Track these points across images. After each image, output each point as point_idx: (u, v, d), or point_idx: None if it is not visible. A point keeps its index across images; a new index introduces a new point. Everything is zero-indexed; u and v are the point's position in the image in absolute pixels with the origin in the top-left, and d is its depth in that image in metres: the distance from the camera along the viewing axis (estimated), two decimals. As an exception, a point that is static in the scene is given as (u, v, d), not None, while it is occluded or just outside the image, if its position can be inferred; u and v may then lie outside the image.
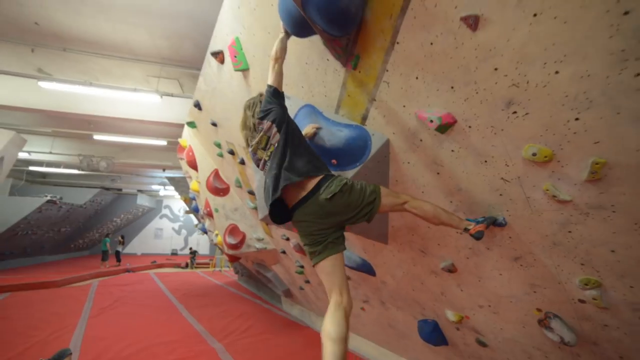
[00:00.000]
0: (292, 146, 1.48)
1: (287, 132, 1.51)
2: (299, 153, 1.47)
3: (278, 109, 1.56)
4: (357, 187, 1.41)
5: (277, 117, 1.53)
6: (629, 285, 1.19)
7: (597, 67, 0.93)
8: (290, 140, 1.50)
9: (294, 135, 1.53)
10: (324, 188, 1.39)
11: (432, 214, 1.40)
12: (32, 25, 4.02)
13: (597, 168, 1.06)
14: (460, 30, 1.14)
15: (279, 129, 1.51)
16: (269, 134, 1.54)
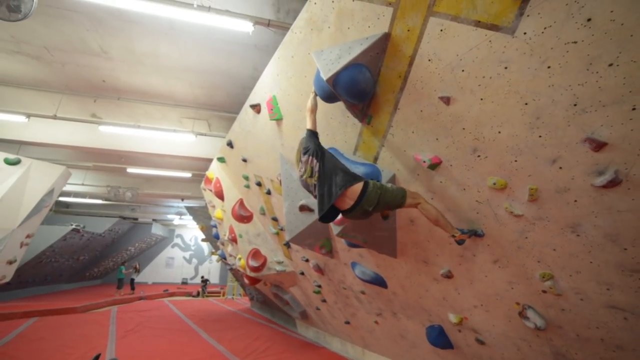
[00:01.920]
0: (330, 168, 1.96)
1: (324, 160, 1.99)
2: (335, 172, 1.94)
3: (314, 146, 2.05)
4: (390, 191, 1.86)
5: (315, 151, 2.02)
6: (569, 275, 1.68)
7: (521, 129, 1.51)
8: (328, 165, 1.98)
9: (329, 161, 2.01)
10: (365, 199, 1.82)
11: (434, 216, 1.87)
12: (100, 82, 4.91)
13: (533, 192, 1.60)
14: (439, 104, 1.75)
15: (317, 159, 2.00)
16: (312, 165, 2.02)
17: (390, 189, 1.88)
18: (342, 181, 1.89)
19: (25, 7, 2.21)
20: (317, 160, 1.99)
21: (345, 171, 1.96)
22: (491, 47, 1.45)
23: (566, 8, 1.20)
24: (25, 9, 2.21)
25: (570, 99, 1.31)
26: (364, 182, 1.87)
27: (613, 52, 1.15)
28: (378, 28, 1.88)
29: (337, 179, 1.90)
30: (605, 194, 1.37)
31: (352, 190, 1.85)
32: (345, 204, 1.90)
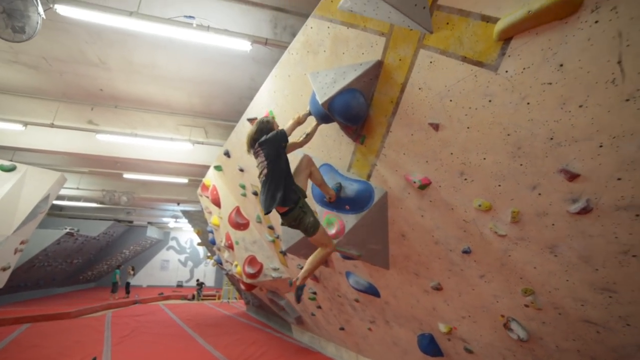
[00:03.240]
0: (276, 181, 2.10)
1: (274, 170, 2.10)
2: (278, 187, 2.09)
3: (273, 150, 2.13)
4: (307, 222, 2.15)
5: (270, 155, 2.12)
6: (548, 291, 1.78)
7: (504, 157, 1.61)
8: (275, 176, 2.11)
9: (278, 173, 2.11)
10: (287, 217, 2.15)
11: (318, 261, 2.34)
12: (97, 91, 4.93)
13: (515, 214, 1.70)
14: (429, 129, 1.84)
15: (268, 165, 2.11)
16: (262, 164, 2.15)
17: (308, 221, 2.15)
18: (279, 199, 2.07)
19: (30, 29, 2.24)
20: (268, 167, 2.12)
21: (285, 189, 2.09)
22: (476, 81, 1.54)
23: (542, 53, 1.30)
24: (29, 30, 2.24)
25: (547, 133, 1.41)
26: (289, 208, 2.11)
27: (582, 95, 1.25)
28: (371, 55, 1.97)
29: (278, 194, 2.07)
30: (579, 219, 1.48)
31: (281, 208, 2.13)
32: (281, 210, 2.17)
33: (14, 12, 2.12)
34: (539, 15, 1.22)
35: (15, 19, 2.15)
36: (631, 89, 1.14)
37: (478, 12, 1.43)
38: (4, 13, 2.09)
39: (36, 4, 2.18)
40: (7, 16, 2.11)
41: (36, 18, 2.23)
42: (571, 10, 1.16)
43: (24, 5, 2.14)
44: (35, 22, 2.24)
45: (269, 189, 2.10)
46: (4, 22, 2.13)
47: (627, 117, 1.19)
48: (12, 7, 2.10)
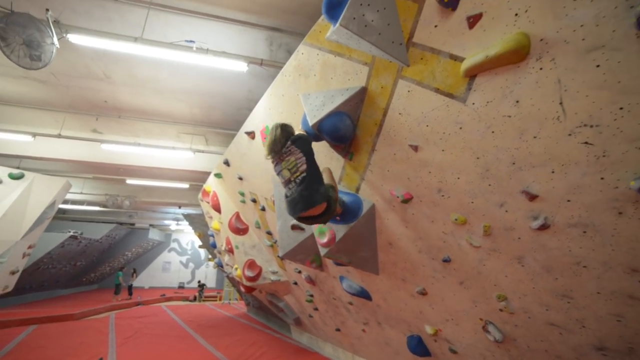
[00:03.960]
0: (314, 178, 2.04)
1: (312, 166, 2.05)
2: (319, 183, 2.04)
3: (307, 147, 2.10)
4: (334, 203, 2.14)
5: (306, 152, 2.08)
6: (518, 297, 1.95)
7: (474, 178, 1.78)
8: (314, 172, 2.05)
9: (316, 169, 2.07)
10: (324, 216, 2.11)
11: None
12: (102, 102, 5.11)
13: (487, 228, 1.87)
14: (409, 150, 2.02)
15: (306, 162, 2.04)
16: (298, 163, 2.05)
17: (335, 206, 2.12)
18: (321, 196, 2.03)
19: (45, 57, 2.41)
20: (306, 163, 2.05)
21: (324, 187, 2.08)
22: (448, 110, 1.72)
23: (501, 90, 1.47)
24: (45, 58, 2.42)
25: (509, 158, 1.59)
26: (326, 207, 2.07)
27: (536, 128, 1.43)
28: (357, 82, 2.15)
29: (321, 190, 2.03)
30: (540, 234, 1.65)
31: (322, 206, 2.06)
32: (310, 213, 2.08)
33: (32, 43, 2.30)
34: (495, 60, 1.39)
35: (33, 49, 2.32)
36: (571, 126, 1.31)
37: (447, 51, 1.61)
38: (24, 44, 2.27)
39: (51, 35, 2.35)
40: (26, 47, 2.29)
41: (51, 48, 2.40)
42: (520, 58, 1.33)
43: (41, 36, 2.31)
44: (50, 51, 2.41)
45: (309, 186, 2.00)
46: (23, 52, 2.31)
47: (571, 149, 1.36)
48: (30, 38, 2.28)
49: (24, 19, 2.24)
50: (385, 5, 1.70)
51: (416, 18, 1.66)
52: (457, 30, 1.52)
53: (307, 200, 2.01)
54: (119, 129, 6.14)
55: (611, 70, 1.17)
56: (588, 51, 1.19)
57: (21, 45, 2.30)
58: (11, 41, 2.26)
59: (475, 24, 1.44)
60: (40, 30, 2.32)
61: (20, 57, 2.36)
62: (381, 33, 1.72)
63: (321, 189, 2.03)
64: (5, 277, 6.30)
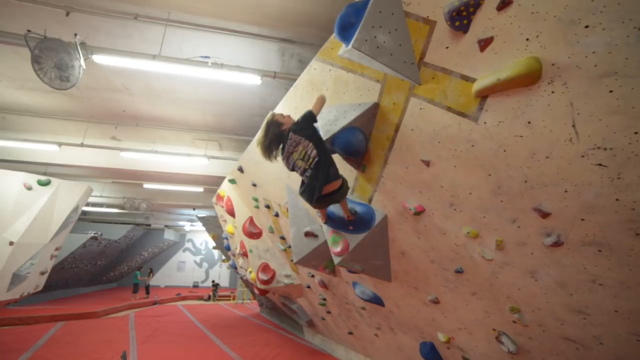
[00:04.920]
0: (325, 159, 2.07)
1: (322, 149, 2.06)
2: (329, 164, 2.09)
3: (311, 131, 2.10)
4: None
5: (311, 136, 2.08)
6: (532, 310, 1.96)
7: (487, 194, 1.79)
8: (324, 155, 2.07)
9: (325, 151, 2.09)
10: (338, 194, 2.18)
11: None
12: (121, 112, 5.32)
13: (499, 243, 1.89)
14: (421, 165, 2.05)
15: (315, 146, 2.05)
16: (307, 150, 2.06)
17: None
18: (335, 173, 2.10)
19: (73, 78, 2.57)
20: (316, 148, 2.05)
21: (334, 165, 2.13)
22: (460, 128, 1.74)
23: (513, 111, 1.49)
24: (73, 79, 2.57)
25: (521, 176, 1.60)
26: (341, 183, 2.14)
27: (548, 148, 1.44)
28: (369, 97, 2.19)
29: (332, 168, 2.10)
30: (553, 250, 1.66)
31: (337, 182, 2.13)
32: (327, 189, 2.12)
33: (62, 65, 2.45)
34: (506, 83, 1.41)
35: (62, 70, 2.48)
36: (585, 148, 1.32)
37: (458, 72, 1.63)
38: (55, 67, 2.43)
39: (79, 57, 2.50)
40: (57, 69, 2.45)
41: (79, 69, 2.55)
42: (531, 82, 1.35)
43: (70, 59, 2.46)
44: (77, 72, 2.56)
45: (323, 168, 2.03)
46: (54, 74, 2.47)
47: (584, 170, 1.37)
48: (61, 61, 2.43)
49: (55, 44, 2.39)
50: (397, 27, 1.74)
51: (427, 39, 1.69)
52: (469, 52, 1.54)
53: (322, 181, 2.04)
54: (136, 136, 6.36)
55: (625, 96, 1.18)
56: (600, 77, 1.20)
57: (53, 68, 2.46)
58: (44, 65, 2.42)
59: (486, 47, 1.47)
60: (69, 53, 2.47)
61: (52, 79, 2.52)
62: (393, 54, 1.75)
63: (333, 169, 2.08)
64: (36, 277, 6.63)
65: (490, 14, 1.39)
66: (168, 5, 3.32)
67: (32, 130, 5.91)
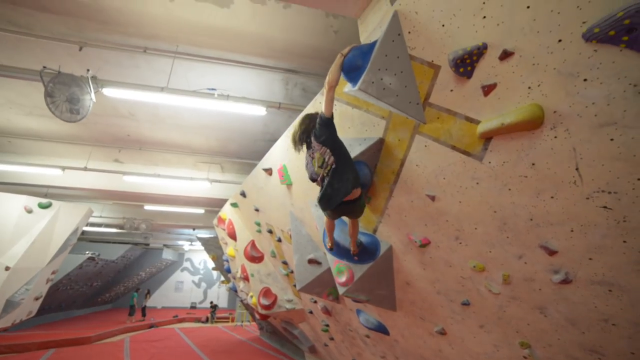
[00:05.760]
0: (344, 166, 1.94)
1: (340, 155, 1.93)
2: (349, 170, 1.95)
3: (330, 137, 1.95)
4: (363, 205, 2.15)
5: (330, 142, 1.94)
6: (542, 346, 1.91)
7: (492, 229, 1.80)
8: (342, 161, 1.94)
9: (344, 157, 1.95)
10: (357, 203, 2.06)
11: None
12: (125, 136, 5.35)
13: (506, 277, 1.87)
14: (426, 199, 2.06)
15: (333, 153, 1.93)
16: (325, 157, 1.94)
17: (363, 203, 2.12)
18: (354, 182, 1.97)
19: (83, 110, 2.62)
20: (333, 155, 1.94)
21: (355, 171, 2.01)
22: (465, 166, 1.77)
23: (517, 152, 1.52)
24: (83, 112, 2.62)
25: (527, 214, 1.61)
26: (360, 194, 2.03)
27: (553, 189, 1.46)
28: (374, 133, 2.23)
29: (351, 177, 1.95)
30: (562, 287, 1.64)
31: (356, 191, 2.01)
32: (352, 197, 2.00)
33: (73, 99, 2.50)
34: (510, 127, 1.45)
35: (73, 104, 2.52)
36: (589, 190, 1.35)
37: (463, 114, 1.68)
38: (67, 101, 2.47)
39: (90, 91, 2.55)
40: (68, 102, 2.49)
41: (89, 102, 2.60)
42: (534, 127, 1.39)
43: (81, 92, 2.52)
44: (87, 105, 2.61)
45: (340, 176, 1.92)
46: (65, 107, 2.51)
47: (590, 212, 1.38)
48: (72, 95, 2.49)
49: (68, 79, 2.45)
50: (403, 70, 1.80)
51: (432, 82, 1.75)
52: (473, 96, 1.60)
53: (343, 188, 1.94)
54: (139, 159, 6.38)
55: (626, 145, 1.21)
56: (601, 126, 1.24)
57: (64, 102, 2.50)
58: (57, 99, 2.47)
59: (489, 92, 1.52)
60: (81, 87, 2.53)
61: (63, 112, 2.56)
62: (399, 95, 1.80)
63: (352, 176, 1.94)
64: (30, 303, 6.42)
65: (492, 62, 1.45)
66: (176, 40, 3.43)
67: (36, 153, 5.91)
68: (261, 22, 3.21)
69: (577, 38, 1.19)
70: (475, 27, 1.45)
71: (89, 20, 3.01)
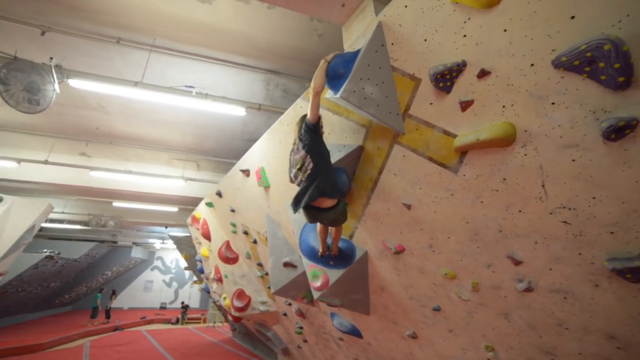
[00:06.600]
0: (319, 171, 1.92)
1: (318, 161, 1.91)
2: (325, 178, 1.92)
3: (312, 143, 1.93)
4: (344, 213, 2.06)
5: (311, 149, 1.93)
6: (505, 349, 2.00)
7: (464, 239, 1.85)
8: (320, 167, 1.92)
9: (322, 163, 1.94)
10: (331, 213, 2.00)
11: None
12: (93, 129, 4.97)
13: (475, 285, 1.93)
14: (402, 207, 2.08)
15: (312, 158, 1.92)
16: (305, 162, 1.95)
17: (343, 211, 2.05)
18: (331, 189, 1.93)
19: (44, 102, 2.36)
20: (312, 162, 1.93)
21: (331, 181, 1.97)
22: (441, 177, 1.80)
23: (490, 167, 1.57)
24: (44, 103, 2.36)
25: (496, 226, 1.67)
26: (337, 200, 1.98)
27: (521, 204, 1.53)
28: (354, 140, 2.23)
29: (328, 184, 1.93)
30: (525, 295, 1.72)
31: (327, 201, 1.97)
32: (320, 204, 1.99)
33: (32, 88, 2.24)
34: (485, 143, 1.49)
35: (32, 93, 2.26)
36: (552, 206, 1.42)
37: (441, 127, 1.71)
38: (24, 90, 2.21)
39: (53, 82, 2.31)
40: (26, 92, 2.23)
41: (51, 93, 2.35)
42: (507, 144, 1.44)
43: (42, 82, 2.27)
44: (50, 97, 2.36)
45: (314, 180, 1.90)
46: (22, 97, 2.25)
47: (552, 226, 1.46)
48: (31, 84, 2.23)
49: (26, 66, 2.20)
50: (384, 80, 1.80)
51: (413, 94, 1.77)
52: (451, 110, 1.63)
53: (314, 192, 1.90)
54: (109, 154, 5.97)
55: (584, 166, 1.29)
56: (565, 147, 1.31)
57: (22, 91, 2.24)
58: (12, 87, 2.20)
59: (467, 108, 1.56)
60: (42, 75, 2.28)
61: (19, 102, 2.30)
62: (379, 105, 1.81)
63: (329, 184, 1.91)
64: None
65: (471, 79, 1.49)
66: (153, 32, 3.23)
67: (-13, 142, 5.32)
68: (243, 20, 3.11)
69: (547, 64, 1.25)
70: (456, 45, 1.48)
71: (53, 3, 2.74)
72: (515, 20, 1.30)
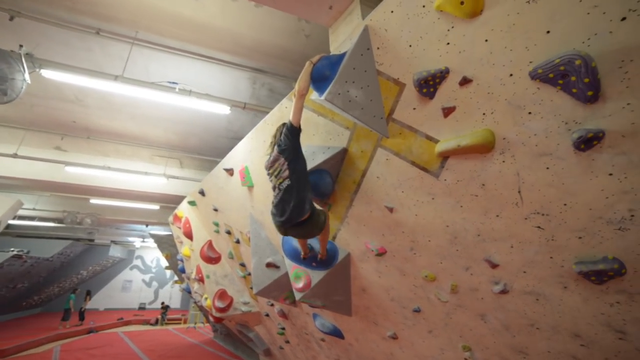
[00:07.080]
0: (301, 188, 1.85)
1: (297, 173, 1.84)
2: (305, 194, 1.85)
3: (291, 149, 1.86)
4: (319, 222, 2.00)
5: (289, 156, 1.86)
6: (481, 349, 2.05)
7: (444, 242, 1.88)
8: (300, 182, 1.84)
9: (301, 178, 1.86)
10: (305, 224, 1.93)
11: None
12: (70, 122, 4.72)
13: (454, 287, 1.97)
14: (385, 210, 2.09)
15: (289, 168, 1.85)
16: (282, 169, 1.88)
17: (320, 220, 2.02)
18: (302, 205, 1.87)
19: (12, 92, 2.19)
20: (289, 169, 1.86)
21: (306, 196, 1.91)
22: (422, 181, 1.82)
23: (470, 173, 1.60)
24: (11, 93, 2.19)
25: (475, 230, 1.71)
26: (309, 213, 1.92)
27: (498, 209, 1.56)
28: (338, 142, 2.22)
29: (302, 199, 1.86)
30: (500, 297, 1.77)
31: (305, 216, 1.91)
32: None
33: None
34: (465, 149, 1.52)
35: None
36: (527, 211, 1.46)
37: (423, 132, 1.73)
38: (-12, 79, 2.05)
39: (23, 71, 2.15)
40: (-10, 81, 2.07)
41: (21, 83, 2.19)
42: (486, 150, 1.47)
43: (10, 71, 2.10)
44: (19, 87, 2.20)
45: (296, 197, 1.83)
46: (-14, 86, 2.08)
47: (526, 231, 1.50)
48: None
49: (-8, 53, 2.04)
50: (369, 84, 1.80)
51: (397, 98, 1.78)
52: (433, 116, 1.65)
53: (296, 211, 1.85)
54: (87, 148, 5.69)
55: (557, 174, 1.33)
56: (540, 155, 1.35)
57: (-14, 80, 2.08)
58: (-26, 75, 2.03)
59: (449, 114, 1.58)
60: (10, 64, 2.12)
61: (-17, 92, 2.12)
62: (364, 108, 1.80)
63: (303, 199, 1.84)
64: None
65: (453, 86, 1.51)
66: (136, 25, 3.10)
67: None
68: (230, 17, 3.04)
69: (525, 75, 1.28)
70: (440, 52, 1.50)
71: (25, -13, 2.58)
72: (496, 31, 1.32)
